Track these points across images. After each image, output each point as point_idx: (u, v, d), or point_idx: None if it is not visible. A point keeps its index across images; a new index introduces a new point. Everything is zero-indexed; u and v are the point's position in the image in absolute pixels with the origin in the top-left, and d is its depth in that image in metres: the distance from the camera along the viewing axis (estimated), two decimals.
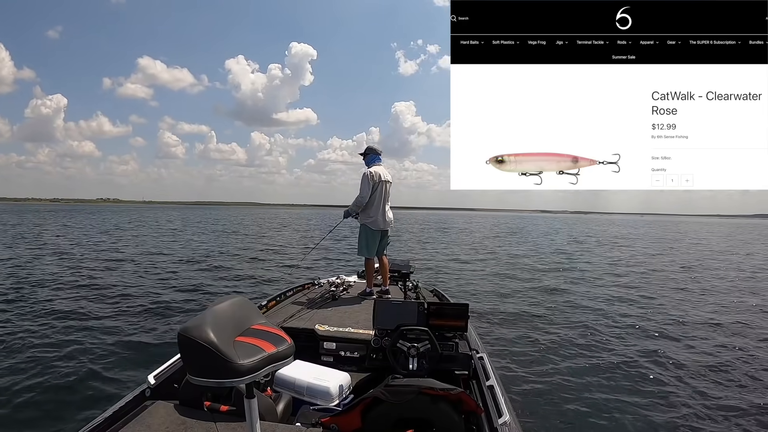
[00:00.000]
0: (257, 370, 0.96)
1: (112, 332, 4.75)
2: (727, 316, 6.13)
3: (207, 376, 0.94)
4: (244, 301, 1.15)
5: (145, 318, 5.39)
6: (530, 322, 5.63)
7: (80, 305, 5.92)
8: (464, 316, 2.28)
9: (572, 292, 7.77)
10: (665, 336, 5.04)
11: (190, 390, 1.64)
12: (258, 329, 1.08)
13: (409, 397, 1.45)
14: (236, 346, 0.97)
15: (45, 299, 6.27)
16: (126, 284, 7.68)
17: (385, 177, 3.73)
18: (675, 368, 4.02)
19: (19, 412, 2.93)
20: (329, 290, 3.58)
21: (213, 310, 1.04)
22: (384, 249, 3.90)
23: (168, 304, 6.17)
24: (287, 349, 1.05)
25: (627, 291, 8.06)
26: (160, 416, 1.53)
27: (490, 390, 1.80)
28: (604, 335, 5.05)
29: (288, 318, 2.84)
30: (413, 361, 2.08)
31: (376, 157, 3.79)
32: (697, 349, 4.62)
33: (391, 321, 2.25)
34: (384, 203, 3.74)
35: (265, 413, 1.56)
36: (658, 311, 6.36)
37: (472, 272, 10.19)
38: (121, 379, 3.51)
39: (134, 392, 1.71)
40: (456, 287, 8.06)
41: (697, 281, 9.41)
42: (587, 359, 4.22)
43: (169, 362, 1.90)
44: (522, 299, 7.09)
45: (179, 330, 0.97)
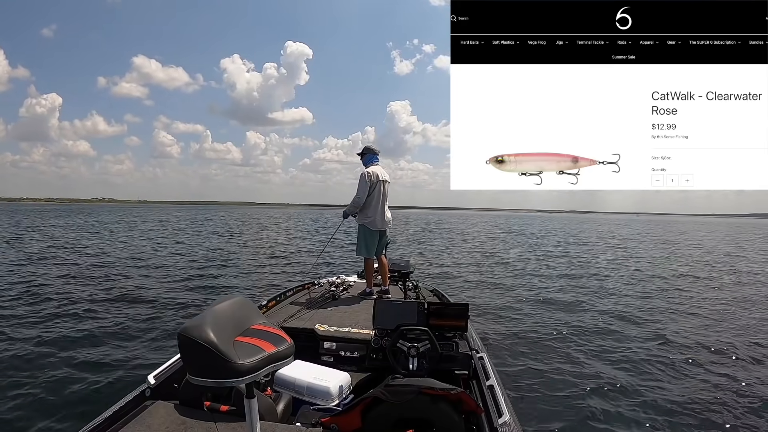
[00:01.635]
0: (257, 370, 0.96)
1: (112, 332, 4.75)
2: (736, 320, 6.05)
3: (207, 376, 0.94)
4: (244, 301, 1.15)
5: (145, 318, 5.38)
6: (531, 322, 5.62)
7: (80, 305, 5.92)
8: (464, 316, 2.29)
9: (573, 293, 7.76)
10: (667, 336, 5.03)
11: (190, 390, 1.65)
12: (258, 329, 1.08)
13: (409, 397, 1.44)
14: (236, 346, 0.97)
15: (44, 299, 6.27)
16: (126, 284, 7.68)
17: (383, 177, 3.74)
18: (676, 368, 4.02)
19: (18, 413, 2.93)
20: (329, 290, 3.59)
21: (213, 310, 1.04)
22: (383, 249, 3.90)
23: (168, 304, 6.17)
24: (287, 349, 1.05)
25: (628, 291, 8.06)
26: (160, 416, 1.53)
27: (490, 390, 1.80)
28: (604, 335, 5.04)
29: (288, 318, 2.84)
30: (413, 361, 2.08)
31: (373, 157, 3.79)
32: (698, 349, 4.61)
33: (391, 321, 2.25)
34: (382, 203, 3.75)
35: (265, 413, 1.56)
36: (659, 312, 6.35)
37: (472, 272, 10.18)
38: (121, 379, 3.50)
39: (134, 392, 1.71)
40: (456, 287, 8.06)
41: (700, 282, 9.39)
42: (588, 359, 4.22)
43: (169, 362, 1.91)
44: (522, 299, 7.08)
45: (179, 330, 0.97)
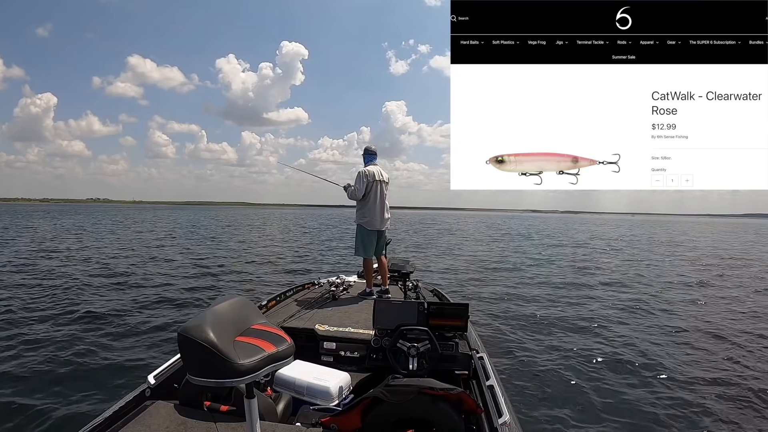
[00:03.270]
0: (257, 370, 0.96)
1: (112, 332, 4.75)
2: (738, 323, 5.99)
3: (207, 376, 0.94)
4: (244, 301, 1.15)
5: (145, 318, 5.38)
6: (530, 322, 5.62)
7: (79, 306, 5.92)
8: (464, 316, 2.29)
9: (574, 293, 7.77)
10: (668, 337, 5.04)
11: (190, 390, 1.64)
12: (258, 329, 1.08)
13: (409, 397, 1.44)
14: (236, 346, 0.97)
15: (43, 300, 6.27)
16: (125, 284, 7.68)
17: (380, 176, 3.75)
18: (677, 368, 4.02)
19: (18, 413, 2.93)
20: (329, 290, 3.59)
21: (213, 310, 1.04)
22: (383, 249, 3.90)
23: (168, 304, 6.17)
24: (287, 349, 1.05)
25: (629, 292, 8.06)
26: (160, 416, 1.53)
27: (490, 390, 1.80)
28: (605, 336, 5.05)
29: (288, 318, 2.84)
30: (413, 361, 2.08)
31: (370, 157, 3.83)
32: (700, 348, 4.61)
33: (391, 321, 2.25)
34: (380, 203, 3.75)
35: (265, 413, 1.56)
36: (661, 312, 6.35)
37: (472, 272, 10.18)
38: (121, 379, 3.51)
39: (134, 392, 1.71)
40: (456, 287, 8.06)
41: (701, 285, 9.38)
42: (588, 359, 4.22)
43: (169, 362, 1.91)
44: (522, 299, 7.08)
45: (179, 330, 0.97)
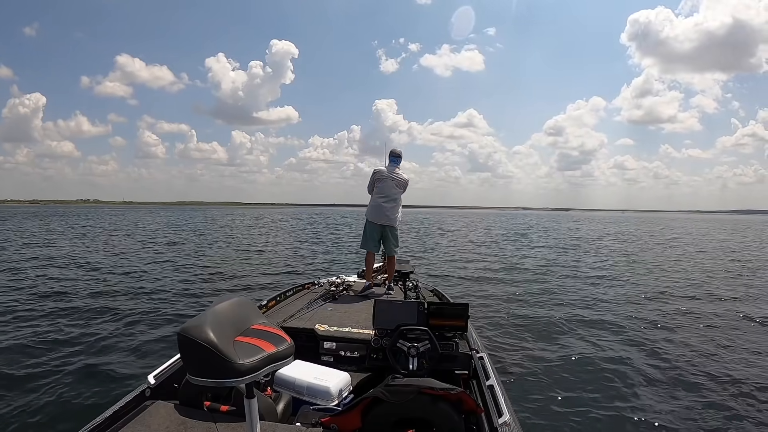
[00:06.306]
0: (257, 370, 0.96)
1: (112, 332, 4.75)
2: (740, 321, 5.97)
3: (207, 376, 0.94)
4: (244, 301, 1.15)
5: (145, 318, 5.38)
6: (531, 321, 5.62)
7: (79, 306, 5.92)
8: (464, 316, 2.28)
9: (574, 293, 7.76)
10: (668, 337, 5.03)
11: (190, 390, 1.64)
12: (258, 329, 1.08)
13: (409, 397, 1.44)
14: (236, 346, 0.97)
15: (43, 300, 6.27)
16: (125, 284, 7.68)
17: (388, 174, 4.02)
18: (677, 367, 4.02)
19: (18, 413, 2.93)
20: (329, 290, 3.59)
21: (213, 310, 1.04)
22: (390, 249, 4.03)
23: (168, 304, 6.17)
24: (287, 349, 1.05)
25: (629, 292, 8.05)
26: (160, 416, 1.53)
27: (490, 390, 1.80)
28: (605, 336, 5.04)
29: (288, 318, 2.84)
30: (413, 360, 2.08)
31: (392, 159, 4.13)
32: (700, 348, 4.60)
33: (391, 321, 2.25)
34: (383, 198, 3.99)
35: (265, 413, 1.56)
36: (662, 313, 6.33)
37: (472, 272, 10.18)
38: (121, 379, 3.50)
39: (134, 392, 1.71)
40: (456, 287, 8.06)
41: (698, 283, 9.38)
42: (588, 359, 4.22)
43: (169, 362, 1.91)
44: (522, 299, 7.08)
45: (179, 330, 0.97)
